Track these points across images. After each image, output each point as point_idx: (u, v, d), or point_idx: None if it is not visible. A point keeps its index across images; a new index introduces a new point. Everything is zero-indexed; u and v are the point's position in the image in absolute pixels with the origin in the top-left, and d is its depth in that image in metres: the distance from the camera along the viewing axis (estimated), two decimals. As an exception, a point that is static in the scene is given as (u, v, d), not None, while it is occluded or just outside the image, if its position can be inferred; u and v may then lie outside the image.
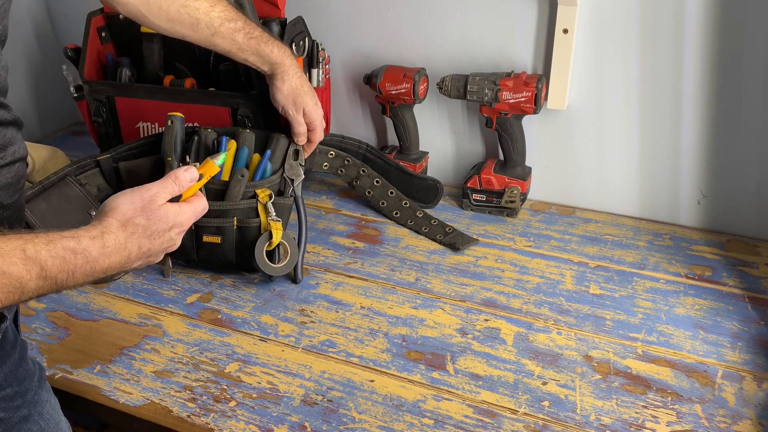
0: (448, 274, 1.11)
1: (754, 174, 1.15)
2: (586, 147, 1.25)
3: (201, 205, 0.78)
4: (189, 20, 1.00)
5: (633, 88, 1.16)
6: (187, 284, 1.11)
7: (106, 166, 1.15)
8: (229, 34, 1.02)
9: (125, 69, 1.30)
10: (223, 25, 1.01)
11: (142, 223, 0.70)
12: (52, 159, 1.31)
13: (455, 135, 1.36)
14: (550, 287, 1.07)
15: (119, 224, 0.68)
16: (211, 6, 1.00)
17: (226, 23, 1.01)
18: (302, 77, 1.08)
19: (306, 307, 1.05)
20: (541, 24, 1.18)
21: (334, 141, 1.23)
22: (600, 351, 0.94)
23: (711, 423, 0.82)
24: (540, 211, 1.29)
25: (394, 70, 1.27)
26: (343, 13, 1.33)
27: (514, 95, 1.17)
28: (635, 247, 1.17)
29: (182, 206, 0.75)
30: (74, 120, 1.79)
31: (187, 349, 0.97)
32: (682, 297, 1.04)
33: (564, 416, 0.84)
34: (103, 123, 1.31)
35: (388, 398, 0.87)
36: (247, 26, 1.03)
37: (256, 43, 1.03)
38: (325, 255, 1.17)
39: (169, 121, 1.10)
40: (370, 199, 1.28)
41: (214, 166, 0.85)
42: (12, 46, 1.60)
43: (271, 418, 0.85)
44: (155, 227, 0.71)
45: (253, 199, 1.06)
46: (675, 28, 1.09)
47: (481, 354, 0.94)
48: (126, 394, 0.89)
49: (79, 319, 1.03)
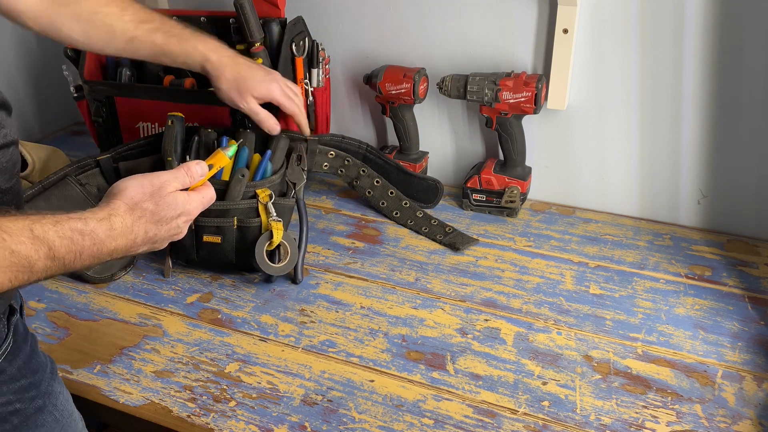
0: (448, 274, 1.11)
1: (754, 174, 1.15)
2: (586, 147, 1.25)
3: (209, 195, 0.78)
4: (104, 27, 0.94)
5: (633, 88, 1.16)
6: (187, 284, 1.11)
7: (107, 166, 1.15)
8: (147, 37, 0.95)
9: (125, 69, 1.30)
10: (138, 27, 0.94)
11: (150, 208, 0.70)
12: (52, 159, 1.31)
13: (455, 135, 1.36)
14: (550, 287, 1.07)
15: (127, 207, 0.68)
16: (122, 10, 0.94)
17: (142, 25, 0.94)
18: (239, 64, 0.99)
19: (306, 307, 1.05)
20: (541, 24, 1.18)
21: (334, 141, 1.23)
22: (600, 351, 0.94)
23: (711, 423, 0.82)
24: (540, 211, 1.29)
25: (394, 70, 1.27)
26: (343, 13, 1.33)
27: (514, 95, 1.17)
28: (635, 247, 1.17)
29: (190, 194, 0.75)
30: (74, 120, 1.79)
31: (187, 349, 0.97)
32: (682, 297, 1.04)
33: (564, 416, 0.84)
34: (103, 123, 1.31)
35: (388, 398, 0.87)
36: (165, 24, 0.96)
37: (178, 42, 0.96)
38: (325, 255, 1.17)
39: (169, 121, 1.10)
40: (370, 199, 1.28)
41: (225, 156, 0.85)
42: (12, 46, 1.61)
43: (271, 418, 0.85)
44: (163, 213, 0.71)
45: (253, 199, 1.06)
46: (675, 28, 1.09)
47: (481, 354, 0.94)
48: (126, 394, 0.89)
49: (79, 319, 1.03)
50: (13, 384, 0.69)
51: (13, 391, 0.68)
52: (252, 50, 1.20)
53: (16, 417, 0.69)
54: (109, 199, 0.69)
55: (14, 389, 0.69)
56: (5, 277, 0.56)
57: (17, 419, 0.69)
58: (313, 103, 1.30)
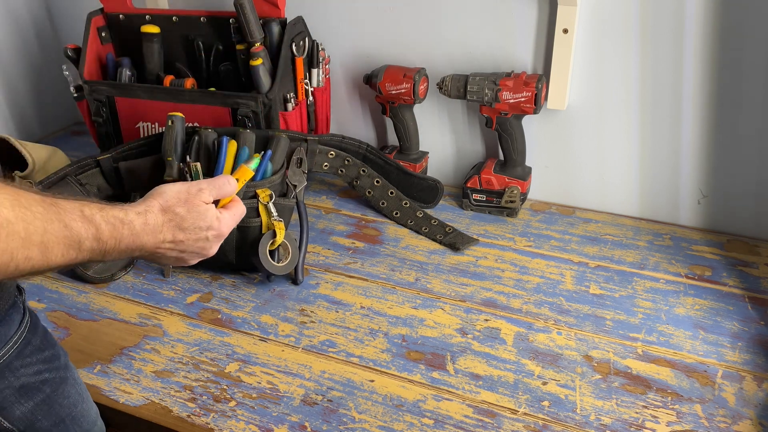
0: (448, 274, 1.11)
1: (754, 174, 1.15)
2: (586, 147, 1.25)
3: (240, 210, 0.81)
4: None
5: (633, 88, 1.16)
6: (187, 284, 1.11)
7: (107, 165, 1.15)
8: None
9: (125, 69, 1.31)
10: None
11: (181, 213, 0.72)
12: (52, 159, 1.32)
13: (455, 135, 1.36)
14: (550, 287, 1.07)
15: (160, 207, 0.71)
16: None
17: None
18: None
19: (306, 307, 1.05)
20: (541, 24, 1.18)
21: (334, 141, 1.23)
22: (600, 351, 0.94)
23: (711, 423, 0.82)
24: (540, 211, 1.29)
25: (394, 70, 1.27)
26: (343, 13, 1.33)
27: (514, 95, 1.17)
28: (635, 247, 1.17)
29: (222, 212, 0.77)
30: (74, 120, 1.79)
31: (187, 349, 0.97)
32: (682, 297, 1.04)
33: (564, 416, 0.84)
34: (103, 123, 1.31)
35: (388, 398, 0.87)
36: None
37: None
38: (325, 255, 1.17)
39: (169, 121, 1.10)
40: (371, 199, 1.28)
41: (249, 170, 0.87)
42: (12, 46, 1.61)
43: (271, 418, 0.85)
44: (192, 221, 0.73)
45: (253, 198, 1.05)
46: (675, 28, 1.09)
47: (481, 354, 0.94)
48: (126, 394, 0.89)
49: (79, 319, 1.03)
50: (40, 354, 0.71)
51: (41, 361, 0.71)
52: (252, 50, 1.20)
53: (47, 386, 0.71)
54: (147, 198, 0.72)
55: (42, 359, 0.71)
56: (59, 250, 0.57)
57: (49, 388, 0.71)
58: (313, 103, 1.30)
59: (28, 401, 0.68)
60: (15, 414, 0.68)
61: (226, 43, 1.29)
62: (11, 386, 0.67)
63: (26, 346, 0.69)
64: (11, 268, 0.53)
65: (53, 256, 0.57)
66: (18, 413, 0.68)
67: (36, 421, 0.69)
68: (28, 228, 0.54)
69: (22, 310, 0.70)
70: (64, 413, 0.73)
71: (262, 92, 1.20)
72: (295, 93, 1.26)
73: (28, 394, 0.68)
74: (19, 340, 0.68)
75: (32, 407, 0.69)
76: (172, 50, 1.33)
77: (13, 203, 0.53)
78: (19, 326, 0.68)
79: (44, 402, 0.70)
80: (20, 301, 0.70)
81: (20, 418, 0.68)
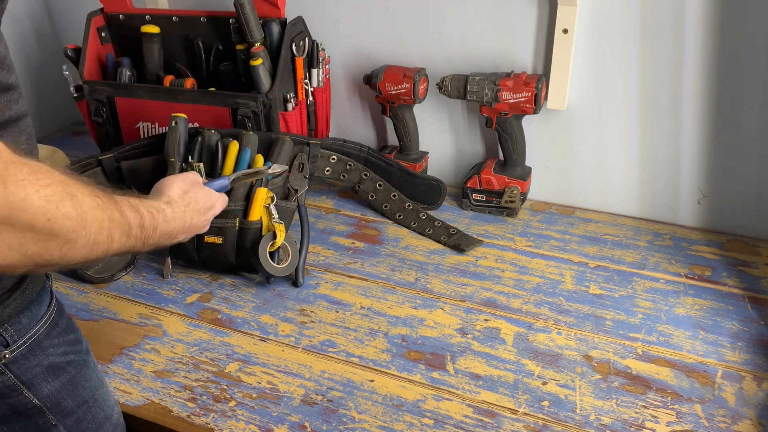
0: (448, 274, 1.11)
1: (754, 174, 1.15)
2: (586, 147, 1.25)
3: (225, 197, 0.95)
4: None
5: (633, 88, 1.16)
6: (187, 284, 1.11)
7: (109, 165, 1.15)
8: None
9: (125, 69, 1.31)
10: None
11: (195, 197, 0.82)
12: (51, 159, 1.32)
13: (455, 135, 1.36)
14: (550, 287, 1.07)
15: (178, 196, 0.80)
16: None
17: None
18: None
19: (306, 307, 1.05)
20: (541, 24, 1.18)
21: (335, 145, 1.22)
22: (600, 351, 0.94)
23: (711, 423, 0.82)
24: (540, 211, 1.29)
25: (394, 70, 1.27)
26: (343, 13, 1.33)
27: (514, 95, 1.17)
28: (635, 247, 1.17)
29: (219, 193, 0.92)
30: (74, 120, 1.79)
31: (187, 349, 0.97)
32: (682, 297, 1.04)
33: (564, 416, 0.84)
34: (103, 123, 1.31)
35: (388, 398, 0.87)
36: None
37: None
38: (325, 255, 1.17)
39: (173, 122, 1.10)
40: (373, 203, 1.28)
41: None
42: (12, 46, 1.61)
43: (271, 417, 0.85)
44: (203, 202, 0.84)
45: (249, 198, 1.05)
46: (675, 28, 1.09)
47: (481, 354, 0.94)
48: (126, 394, 0.89)
49: (79, 319, 1.03)
50: (66, 336, 0.73)
51: (67, 342, 0.73)
52: (252, 50, 1.20)
53: (72, 367, 0.73)
54: (160, 193, 0.80)
55: (67, 341, 0.73)
56: (117, 236, 0.61)
57: (74, 369, 0.73)
58: (313, 103, 1.30)
59: (55, 380, 0.71)
60: (43, 392, 0.70)
61: (226, 43, 1.29)
62: (40, 364, 0.69)
63: (54, 327, 0.71)
64: (98, 251, 0.58)
65: (114, 243, 0.61)
66: (46, 391, 0.70)
67: (62, 399, 0.71)
68: (102, 215, 0.58)
69: (50, 293, 0.72)
70: (87, 395, 0.75)
71: (262, 92, 1.20)
72: (295, 93, 1.26)
73: (55, 372, 0.71)
74: (48, 321, 0.70)
75: (59, 386, 0.71)
76: (172, 50, 1.33)
77: (91, 193, 0.57)
78: (48, 308, 0.71)
79: (69, 382, 0.72)
80: (48, 285, 0.72)
81: (48, 396, 0.70)
